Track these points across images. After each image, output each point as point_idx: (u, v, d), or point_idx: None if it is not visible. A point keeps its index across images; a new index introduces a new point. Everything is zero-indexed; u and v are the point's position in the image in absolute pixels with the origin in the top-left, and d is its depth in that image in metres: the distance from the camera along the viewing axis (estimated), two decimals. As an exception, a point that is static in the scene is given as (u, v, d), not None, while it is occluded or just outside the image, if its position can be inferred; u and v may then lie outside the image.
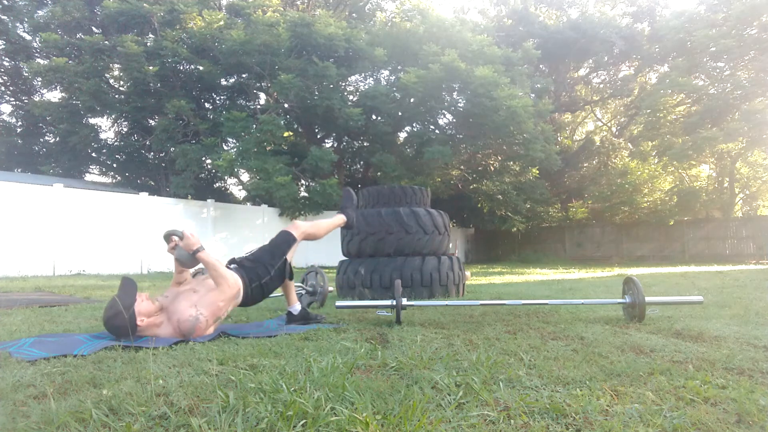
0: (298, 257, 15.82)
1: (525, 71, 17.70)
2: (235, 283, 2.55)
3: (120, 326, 2.22)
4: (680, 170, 20.88)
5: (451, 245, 5.17)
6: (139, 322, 2.28)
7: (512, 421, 1.28)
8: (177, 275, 2.72)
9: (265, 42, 14.33)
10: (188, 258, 2.53)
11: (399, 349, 2.12)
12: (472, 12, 26.32)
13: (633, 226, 20.56)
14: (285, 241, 2.86)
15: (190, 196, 15.58)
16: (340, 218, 3.31)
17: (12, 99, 19.55)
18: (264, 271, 2.72)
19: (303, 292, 4.02)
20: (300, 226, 2.99)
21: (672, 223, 19.43)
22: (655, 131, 19.15)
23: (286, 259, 2.82)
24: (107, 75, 16.39)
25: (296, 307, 2.97)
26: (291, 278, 2.92)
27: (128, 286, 2.34)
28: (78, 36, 16.32)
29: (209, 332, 2.45)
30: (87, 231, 10.81)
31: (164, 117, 15.76)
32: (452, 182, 19.85)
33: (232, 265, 2.76)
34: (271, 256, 2.79)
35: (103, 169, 19.98)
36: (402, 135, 19.16)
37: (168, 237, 2.64)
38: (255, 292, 2.68)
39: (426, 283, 4.50)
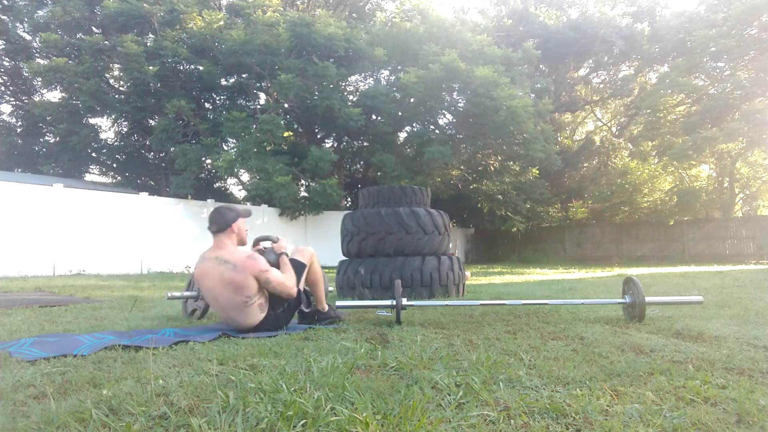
0: (298, 257, 15.82)
1: (525, 71, 17.70)
2: (294, 286, 2.67)
3: (225, 213, 2.65)
4: (680, 170, 20.88)
5: (451, 245, 5.15)
6: (236, 226, 2.63)
7: (512, 421, 1.28)
8: None
9: (265, 42, 14.33)
10: (274, 261, 2.73)
11: (399, 349, 2.12)
12: (472, 12, 26.34)
13: (633, 226, 20.56)
14: (298, 271, 2.84)
15: (190, 196, 15.57)
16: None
17: (12, 99, 19.54)
18: (278, 304, 2.70)
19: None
20: (306, 253, 2.97)
21: (672, 223, 19.43)
22: (655, 131, 19.14)
23: (299, 289, 2.80)
24: (107, 75, 16.39)
25: (324, 306, 3.02)
26: (308, 306, 2.94)
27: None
28: (78, 36, 16.32)
29: (260, 303, 2.57)
30: (87, 231, 10.81)
31: (164, 117, 15.75)
32: (452, 182, 19.85)
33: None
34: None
35: (103, 169, 19.98)
36: (402, 135, 19.16)
37: (263, 239, 2.93)
38: (270, 319, 2.67)
39: (426, 283, 4.50)
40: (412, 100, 15.87)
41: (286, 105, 15.99)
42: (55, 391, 1.48)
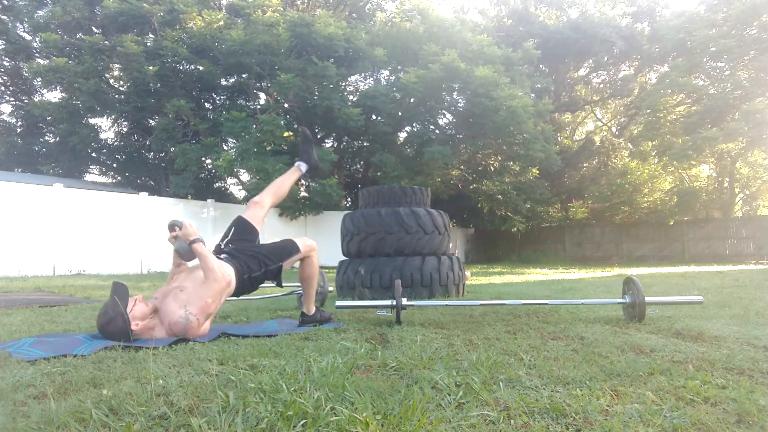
0: (298, 257, 15.84)
1: (525, 71, 17.70)
2: (222, 276, 2.45)
3: (115, 332, 2.20)
4: (680, 170, 20.88)
5: (451, 245, 5.18)
6: (134, 327, 2.23)
7: (512, 421, 1.28)
8: (175, 267, 2.69)
9: (265, 42, 14.33)
10: (186, 250, 2.47)
11: (399, 349, 2.12)
12: (472, 12, 26.34)
13: (633, 226, 20.56)
14: (287, 249, 2.79)
15: (190, 196, 15.57)
16: (296, 169, 3.21)
17: (12, 99, 19.55)
18: (257, 267, 2.67)
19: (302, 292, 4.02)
20: (307, 243, 2.86)
21: (672, 223, 19.43)
22: (655, 131, 19.14)
23: (281, 266, 2.77)
24: (107, 75, 16.39)
25: (311, 308, 2.95)
26: (280, 285, 2.88)
27: (120, 290, 2.29)
28: (78, 36, 16.32)
29: (204, 329, 2.41)
30: (87, 231, 10.81)
31: (164, 117, 15.76)
32: (452, 182, 19.84)
33: (222, 255, 2.71)
34: (269, 255, 2.76)
35: (103, 169, 19.99)
36: (402, 135, 19.16)
37: (171, 227, 2.61)
38: (245, 284, 2.65)
39: (426, 283, 4.49)
40: (412, 100, 15.87)
41: (286, 105, 15.99)
42: (55, 391, 1.48)
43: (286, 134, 15.94)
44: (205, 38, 15.01)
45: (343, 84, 18.18)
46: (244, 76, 16.47)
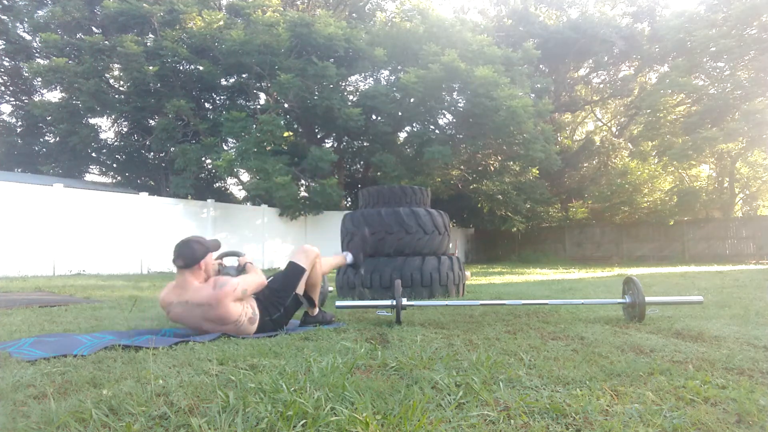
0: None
1: (525, 71, 17.69)
2: (262, 281, 2.66)
3: (185, 251, 2.45)
4: (680, 170, 20.88)
5: (451, 245, 5.17)
6: (200, 263, 2.48)
7: (512, 421, 1.28)
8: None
9: (265, 42, 14.32)
10: (234, 275, 2.69)
11: (399, 349, 2.12)
12: (472, 12, 26.33)
13: (633, 226, 20.56)
14: (295, 273, 2.79)
15: (190, 196, 15.57)
16: (342, 258, 3.49)
17: (12, 99, 19.54)
18: (274, 309, 2.69)
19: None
20: (309, 255, 2.86)
21: (672, 223, 19.42)
22: (655, 131, 19.14)
23: (296, 294, 2.77)
24: (107, 75, 16.39)
25: (314, 310, 2.98)
26: (313, 306, 2.95)
27: (218, 245, 2.63)
28: (78, 36, 16.32)
29: (235, 311, 2.47)
30: (87, 231, 10.81)
31: (164, 117, 15.75)
32: (452, 182, 19.84)
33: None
34: (280, 292, 2.74)
35: (103, 169, 19.99)
36: (402, 135, 19.16)
37: (223, 257, 2.88)
38: (266, 326, 2.65)
39: (426, 283, 4.49)
40: (412, 100, 15.86)
41: (286, 105, 15.99)
42: (55, 391, 1.48)
43: (286, 134, 15.94)
44: (205, 38, 15.01)
45: (343, 84, 18.17)
46: (244, 76, 16.47)
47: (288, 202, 14.54)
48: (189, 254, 2.45)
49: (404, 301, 2.89)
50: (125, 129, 19.38)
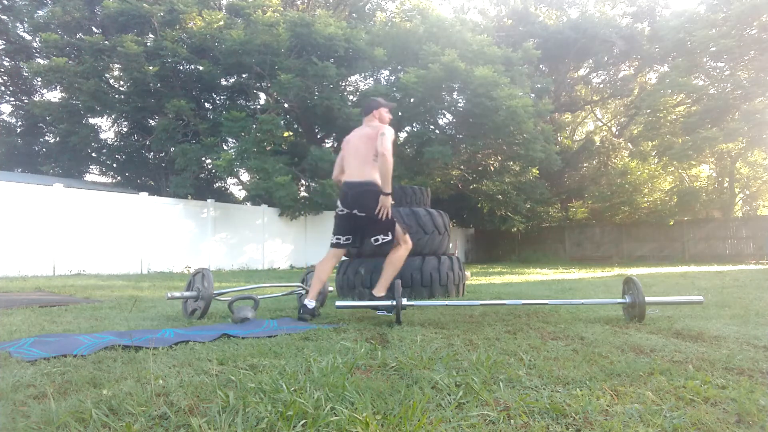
0: (298, 257, 15.84)
1: (525, 71, 17.69)
2: (389, 154, 3.18)
3: (371, 103, 3.42)
4: (680, 170, 20.89)
5: (451, 245, 5.15)
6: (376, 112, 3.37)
7: (512, 421, 1.28)
8: None
9: (265, 42, 14.32)
10: (239, 320, 2.96)
11: (399, 349, 2.12)
12: (472, 12, 26.29)
13: (633, 226, 20.55)
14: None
15: (190, 196, 15.57)
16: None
17: (12, 99, 19.54)
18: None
19: (303, 292, 4.02)
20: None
21: (672, 223, 19.42)
22: (655, 131, 19.14)
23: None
24: (107, 75, 16.39)
25: (311, 303, 3.12)
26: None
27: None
28: (78, 36, 16.32)
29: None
30: (87, 231, 10.81)
31: (164, 117, 15.75)
32: (452, 182, 19.84)
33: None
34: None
35: (103, 169, 19.98)
36: (402, 135, 19.16)
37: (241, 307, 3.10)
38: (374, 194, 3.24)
39: (426, 283, 4.49)
40: (412, 100, 15.86)
41: (286, 105, 15.99)
42: (55, 391, 1.48)
43: (286, 134, 15.93)
44: (205, 38, 15.00)
45: (343, 84, 18.17)
46: (244, 76, 16.47)
47: (288, 202, 14.54)
48: (366, 106, 3.42)
49: (404, 301, 2.89)
50: (125, 129, 19.38)
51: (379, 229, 3.23)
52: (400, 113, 16.81)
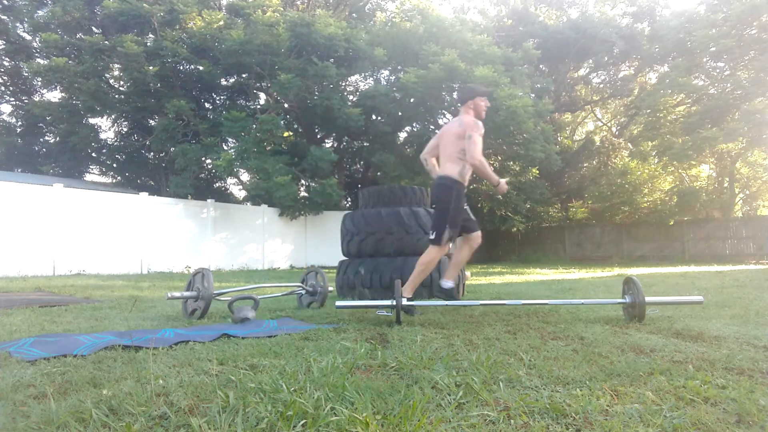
0: (298, 257, 15.84)
1: (525, 71, 17.68)
2: (477, 155, 3.29)
3: (466, 91, 3.47)
4: (680, 170, 20.88)
5: (451, 245, 5.12)
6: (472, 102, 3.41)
7: (512, 421, 1.28)
8: None
9: (265, 42, 14.32)
10: (239, 320, 2.98)
11: (399, 349, 2.12)
12: (472, 12, 26.28)
13: (633, 226, 20.55)
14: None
15: (190, 196, 15.57)
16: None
17: (12, 99, 19.55)
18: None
19: (303, 292, 4.02)
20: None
21: (672, 223, 19.42)
22: (655, 131, 19.14)
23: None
24: (107, 75, 16.39)
25: (447, 283, 3.32)
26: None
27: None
28: (78, 36, 16.32)
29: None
30: (87, 231, 10.81)
31: (164, 117, 15.75)
32: (452, 182, 19.80)
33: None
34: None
35: (103, 169, 19.99)
36: (402, 135, 19.16)
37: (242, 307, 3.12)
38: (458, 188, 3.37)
39: (426, 283, 4.49)
40: (412, 100, 15.86)
41: (286, 105, 15.99)
42: (55, 391, 1.48)
43: (286, 134, 15.93)
44: (205, 38, 15.00)
45: (343, 84, 18.17)
46: (244, 76, 16.47)
47: (288, 202, 14.54)
48: (462, 95, 3.47)
49: (404, 301, 2.89)
50: (125, 129, 19.38)
51: (432, 224, 3.37)
52: (400, 113, 16.82)
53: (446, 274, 3.45)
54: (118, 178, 19.55)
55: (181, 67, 16.50)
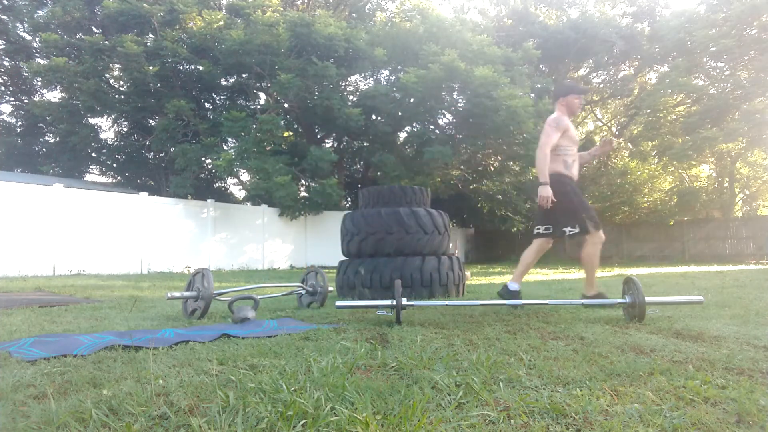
0: (298, 257, 15.84)
1: (525, 71, 17.69)
2: (545, 148, 3.49)
3: (559, 88, 3.66)
4: (680, 170, 20.89)
5: (451, 245, 5.14)
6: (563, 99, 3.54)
7: (512, 421, 1.28)
8: None
9: (265, 42, 14.32)
10: (239, 319, 2.98)
11: (399, 349, 2.12)
12: (472, 12, 26.28)
13: (633, 226, 20.55)
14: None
15: (190, 196, 15.57)
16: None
17: (12, 99, 19.56)
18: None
19: (303, 292, 4.02)
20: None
21: (672, 223, 19.43)
22: (655, 131, 19.15)
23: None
24: (107, 75, 16.40)
25: (513, 285, 3.51)
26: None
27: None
28: (78, 36, 16.32)
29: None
30: (87, 231, 10.81)
31: (164, 117, 15.76)
32: (452, 182, 19.85)
33: None
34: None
35: (103, 169, 20.00)
36: (402, 135, 19.16)
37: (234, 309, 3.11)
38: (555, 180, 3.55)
39: (426, 283, 4.49)
40: (412, 100, 15.87)
41: (286, 105, 15.99)
42: (55, 391, 1.48)
43: (285, 134, 15.93)
44: (205, 38, 15.01)
45: (343, 84, 18.18)
46: (244, 76, 16.47)
47: (288, 202, 14.54)
48: (555, 91, 3.61)
49: (404, 301, 2.89)
50: (125, 129, 19.39)
51: (566, 220, 3.54)
52: (400, 113, 16.82)
53: (515, 276, 3.70)
54: (118, 178, 19.55)
55: (181, 67, 16.50)
